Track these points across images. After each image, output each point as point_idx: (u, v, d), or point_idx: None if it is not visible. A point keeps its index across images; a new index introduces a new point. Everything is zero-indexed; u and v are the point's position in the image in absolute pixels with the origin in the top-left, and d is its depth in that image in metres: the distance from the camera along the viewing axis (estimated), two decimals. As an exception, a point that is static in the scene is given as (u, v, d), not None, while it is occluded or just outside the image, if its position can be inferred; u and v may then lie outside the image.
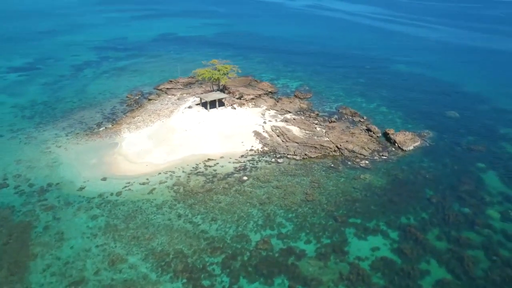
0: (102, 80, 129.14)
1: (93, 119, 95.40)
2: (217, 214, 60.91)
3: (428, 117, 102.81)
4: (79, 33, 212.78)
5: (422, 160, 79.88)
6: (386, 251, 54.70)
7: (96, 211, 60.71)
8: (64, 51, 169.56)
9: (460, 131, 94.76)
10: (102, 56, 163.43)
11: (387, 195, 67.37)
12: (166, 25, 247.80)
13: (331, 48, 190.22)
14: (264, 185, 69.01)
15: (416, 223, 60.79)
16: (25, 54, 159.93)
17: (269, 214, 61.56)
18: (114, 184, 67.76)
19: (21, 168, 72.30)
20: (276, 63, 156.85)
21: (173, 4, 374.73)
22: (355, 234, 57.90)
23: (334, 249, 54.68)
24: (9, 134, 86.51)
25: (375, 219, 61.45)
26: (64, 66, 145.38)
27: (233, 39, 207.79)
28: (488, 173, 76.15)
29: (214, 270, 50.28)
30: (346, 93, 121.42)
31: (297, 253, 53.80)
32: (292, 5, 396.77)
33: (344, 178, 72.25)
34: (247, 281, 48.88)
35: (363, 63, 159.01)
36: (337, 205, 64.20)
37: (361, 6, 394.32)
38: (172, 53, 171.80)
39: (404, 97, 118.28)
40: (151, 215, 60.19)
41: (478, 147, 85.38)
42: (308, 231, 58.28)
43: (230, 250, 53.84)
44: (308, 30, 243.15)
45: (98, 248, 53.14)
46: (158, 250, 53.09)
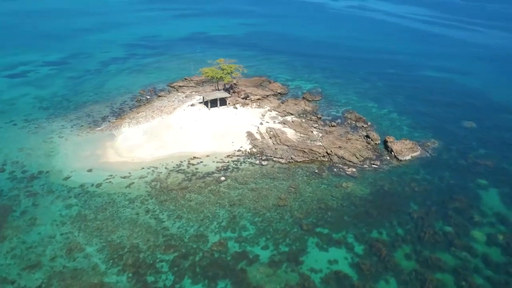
0: (122, 76, 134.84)
1: (101, 113, 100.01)
2: (184, 212, 61.56)
3: (440, 126, 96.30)
4: (115, 31, 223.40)
5: (417, 172, 75.15)
6: (344, 265, 52.30)
7: (73, 201, 63.79)
8: (97, 47, 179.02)
9: (472, 143, 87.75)
10: (130, 53, 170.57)
11: (365, 207, 64.23)
12: (200, 24, 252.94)
13: (359, 50, 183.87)
14: (240, 187, 68.62)
15: (387, 238, 57.46)
16: (61, 50, 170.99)
17: (235, 216, 61.17)
18: (97, 176, 70.73)
19: (21, 155, 77.66)
20: (297, 64, 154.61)
21: (215, 3, 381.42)
22: (316, 244, 55.91)
23: (289, 257, 53.22)
24: (22, 123, 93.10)
25: (344, 230, 58.91)
26: (92, 62, 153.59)
27: (261, 39, 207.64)
28: (489, 191, 70.00)
29: (162, 268, 50.96)
30: (359, 97, 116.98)
31: (250, 258, 53.03)
32: (334, 5, 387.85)
33: (325, 185, 69.88)
34: (191, 282, 49.03)
35: (388, 67, 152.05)
36: (307, 213, 62.30)
37: (407, 7, 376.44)
38: (197, 52, 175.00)
39: (421, 104, 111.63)
40: (121, 208, 62.15)
41: (485, 162, 78.65)
42: (269, 236, 57.18)
43: (185, 249, 54.23)
44: (341, 31, 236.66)
45: (62, 236, 55.85)
46: (116, 243, 54.74)
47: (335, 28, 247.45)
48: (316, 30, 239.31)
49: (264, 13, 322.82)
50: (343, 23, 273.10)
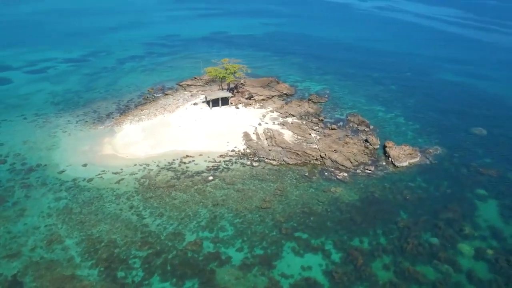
0: (135, 74, 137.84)
1: (107, 110, 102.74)
2: (166, 210, 62.20)
3: (447, 132, 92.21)
4: (139, 30, 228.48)
5: (413, 179, 72.33)
6: (317, 273, 51.17)
7: (63, 194, 65.93)
8: (118, 45, 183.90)
9: (478, 151, 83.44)
10: (148, 51, 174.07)
11: (351, 213, 62.50)
12: (222, 24, 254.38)
13: (379, 52, 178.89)
14: (226, 187, 68.54)
15: (367, 247, 55.70)
16: (84, 47, 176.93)
17: (216, 216, 61.14)
18: (91, 171, 72.74)
19: (24, 148, 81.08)
20: (310, 65, 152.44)
21: (242, 3, 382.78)
22: (293, 249, 54.98)
23: (262, 261, 52.65)
24: (32, 117, 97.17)
25: (324, 236, 57.61)
26: (110, 59, 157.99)
27: (279, 39, 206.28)
28: (487, 202, 66.36)
29: (134, 264, 51.72)
30: (368, 100, 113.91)
31: (222, 259, 52.87)
32: (361, 6, 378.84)
33: (313, 189, 68.58)
34: (159, 279, 49.47)
35: (406, 70, 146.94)
36: (290, 216, 61.36)
37: (438, 8, 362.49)
38: (214, 51, 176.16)
39: (432, 109, 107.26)
40: (107, 203, 63.59)
41: (489, 171, 74.56)
42: (246, 239, 56.79)
43: (159, 246, 54.78)
44: (364, 32, 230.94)
45: (46, 228, 57.85)
46: (95, 237, 56.07)
47: (358, 29, 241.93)
48: (338, 31, 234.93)
49: (288, 13, 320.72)
50: (367, 24, 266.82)
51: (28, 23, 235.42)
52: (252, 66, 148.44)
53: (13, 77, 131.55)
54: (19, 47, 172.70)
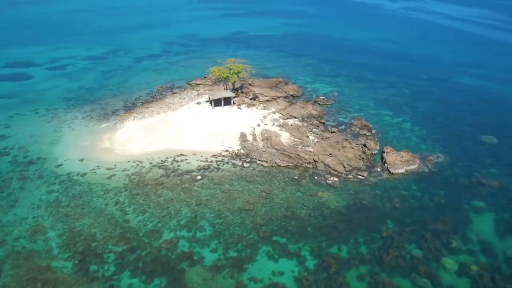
0: (149, 72, 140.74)
1: (114, 106, 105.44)
2: (149, 207, 63.00)
3: (454, 139, 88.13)
4: (162, 29, 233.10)
5: (407, 187, 69.62)
6: (287, 279, 50.24)
7: (55, 187, 68.20)
8: (138, 44, 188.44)
9: (485, 160, 79.19)
10: (165, 50, 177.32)
11: (334, 219, 60.96)
12: (243, 24, 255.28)
13: (398, 54, 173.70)
14: (213, 187, 68.62)
15: (345, 255, 54.15)
16: (105, 45, 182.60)
17: (197, 216, 61.33)
18: (86, 166, 74.87)
19: (29, 142, 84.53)
20: (324, 67, 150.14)
21: (268, 3, 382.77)
22: (267, 253, 54.27)
23: (234, 263, 52.29)
24: (43, 111, 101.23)
25: (303, 242, 56.50)
26: (128, 58, 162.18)
27: (298, 40, 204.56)
28: (483, 215, 62.86)
29: (108, 258, 52.71)
30: (377, 103, 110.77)
31: (194, 259, 52.96)
32: (390, 7, 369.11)
33: (301, 193, 67.42)
34: (129, 275, 50.18)
35: (423, 74, 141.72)
36: (270, 220, 60.63)
37: (471, 10, 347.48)
38: (230, 51, 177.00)
39: (443, 114, 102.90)
40: (94, 198, 65.21)
41: (491, 182, 70.60)
42: (222, 240, 56.61)
43: (136, 242, 55.56)
44: (388, 34, 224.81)
45: (33, 219, 60.02)
46: (76, 230, 57.62)
47: (381, 30, 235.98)
48: (360, 32, 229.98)
49: (313, 14, 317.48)
50: (392, 25, 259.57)
51: (58, 22, 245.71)
52: (264, 67, 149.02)
53: (34, 73, 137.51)
54: (45, 45, 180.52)
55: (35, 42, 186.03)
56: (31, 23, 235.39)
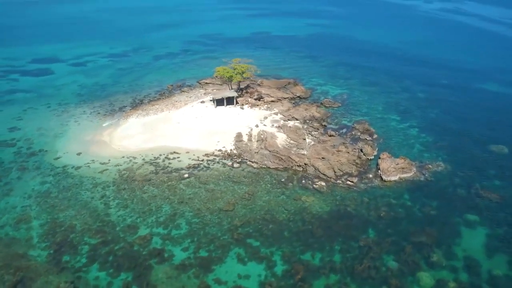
0: (164, 70, 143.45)
1: (122, 103, 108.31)
2: (132, 203, 64.17)
3: (461, 147, 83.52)
4: (186, 28, 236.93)
5: (398, 196, 66.70)
6: (252, 283, 49.58)
7: (49, 179, 70.96)
8: (160, 42, 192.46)
9: (490, 171, 74.45)
10: (185, 49, 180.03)
11: (314, 225, 59.45)
12: (268, 24, 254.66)
13: (421, 57, 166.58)
14: (198, 186, 68.88)
15: (317, 263, 52.73)
16: (128, 43, 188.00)
17: (176, 214, 61.76)
18: (82, 159, 77.36)
19: (36, 134, 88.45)
20: (339, 69, 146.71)
21: (295, 3, 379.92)
22: (238, 256, 53.74)
23: (202, 264, 52.23)
24: (55, 106, 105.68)
25: (276, 246, 55.51)
26: (147, 56, 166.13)
27: (319, 41, 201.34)
28: (475, 230, 59.14)
29: (82, 250, 54.18)
30: (386, 107, 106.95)
31: (164, 256, 53.35)
32: (424, 7, 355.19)
33: (285, 196, 66.27)
34: (98, 268, 51.31)
35: (443, 78, 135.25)
36: (248, 222, 60.01)
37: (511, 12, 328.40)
38: (249, 51, 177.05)
39: (455, 121, 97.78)
40: (83, 191, 67.25)
41: (491, 195, 66.26)
42: (196, 239, 56.68)
43: (111, 236, 56.72)
44: (416, 36, 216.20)
45: (22, 208, 62.75)
46: (58, 221, 59.64)
47: (411, 32, 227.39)
48: (388, 34, 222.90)
49: (341, 14, 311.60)
50: (423, 27, 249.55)
51: (88, 20, 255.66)
52: (278, 67, 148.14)
53: (56, 69, 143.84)
54: (72, 42, 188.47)
55: (64, 39, 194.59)
56: (63, 21, 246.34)
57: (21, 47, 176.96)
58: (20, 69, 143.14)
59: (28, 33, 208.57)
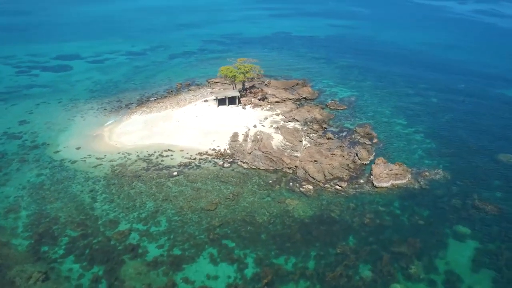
0: (176, 69, 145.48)
1: (130, 100, 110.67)
2: (118, 198, 65.32)
3: (466, 155, 79.47)
4: (207, 27, 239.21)
5: (388, 203, 64.26)
6: (219, 284, 49.27)
7: (45, 171, 73.49)
8: (179, 41, 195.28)
9: (492, 181, 70.34)
10: (202, 48, 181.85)
11: (293, 229, 58.34)
12: (290, 24, 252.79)
13: (442, 61, 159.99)
14: (185, 184, 69.22)
15: (289, 268, 51.74)
16: (149, 42, 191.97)
17: (158, 211, 62.27)
18: (79, 154, 79.61)
19: (42, 128, 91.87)
20: (353, 70, 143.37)
21: (323, 4, 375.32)
22: (210, 256, 53.52)
23: (173, 262, 52.41)
24: (66, 101, 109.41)
25: (250, 249, 54.88)
26: (164, 54, 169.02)
27: (339, 42, 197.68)
28: (465, 243, 56.08)
29: (61, 242, 55.68)
30: (394, 111, 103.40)
31: (138, 252, 53.94)
32: (458, 9, 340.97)
33: (270, 198, 65.41)
34: (73, 260, 52.54)
35: (461, 82, 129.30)
36: (227, 222, 59.65)
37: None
38: (265, 51, 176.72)
39: (466, 127, 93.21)
40: (74, 184, 69.19)
41: (489, 207, 62.53)
42: (173, 237, 56.96)
43: (91, 230, 57.96)
44: (443, 39, 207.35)
45: (14, 198, 65.28)
46: (45, 212, 61.62)
47: (438, 35, 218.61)
48: (414, 36, 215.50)
49: (368, 16, 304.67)
50: (454, 30, 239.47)
51: (117, 19, 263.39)
52: (291, 68, 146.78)
53: (75, 65, 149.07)
54: (96, 40, 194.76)
55: (89, 37, 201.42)
56: (92, 20, 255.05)
57: (48, 44, 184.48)
58: (42, 65, 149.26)
59: (58, 31, 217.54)
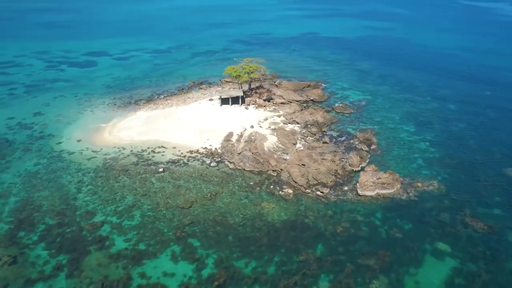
0: (194, 67, 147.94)
1: (141, 96, 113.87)
2: (101, 190, 67.24)
3: (470, 167, 73.99)
4: (238, 27, 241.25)
5: (369, 213, 61.15)
6: (173, 282, 49.14)
7: (43, 161, 77.28)
8: (206, 40, 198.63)
9: (493, 197, 64.85)
10: (225, 47, 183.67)
11: (262, 232, 57.15)
12: (321, 25, 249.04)
13: (479, 67, 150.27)
14: (168, 181, 69.97)
15: (247, 272, 50.61)
16: (176, 40, 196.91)
17: (135, 205, 63.35)
18: (79, 146, 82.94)
19: (53, 120, 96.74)
20: (373, 73, 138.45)
21: (361, 4, 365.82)
22: (172, 253, 53.63)
23: (135, 256, 52.99)
24: (81, 95, 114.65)
25: (214, 249, 54.36)
26: (187, 52, 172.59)
27: (367, 44, 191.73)
28: (442, 261, 52.08)
29: (38, 229, 58.12)
30: (404, 117, 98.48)
31: (105, 244, 55.12)
32: (508, 11, 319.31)
33: (247, 200, 64.57)
34: (43, 247, 54.57)
35: (488, 89, 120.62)
36: (198, 221, 59.55)
37: None
38: (287, 51, 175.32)
39: (479, 137, 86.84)
40: (65, 174, 72.16)
41: (479, 225, 57.66)
42: (142, 232, 57.67)
43: (68, 219, 60.05)
44: (486, 43, 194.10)
45: (8, 184, 69.10)
46: (31, 200, 64.66)
47: (481, 39, 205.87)
48: (452, 39, 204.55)
49: (406, 17, 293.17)
50: (498, 33, 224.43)
51: (152, 18, 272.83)
52: (308, 69, 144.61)
53: (101, 61, 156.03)
54: (127, 37, 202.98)
55: (121, 34, 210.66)
56: (128, 18, 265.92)
57: (83, 41, 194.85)
58: (71, 60, 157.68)
59: (96, 28, 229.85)
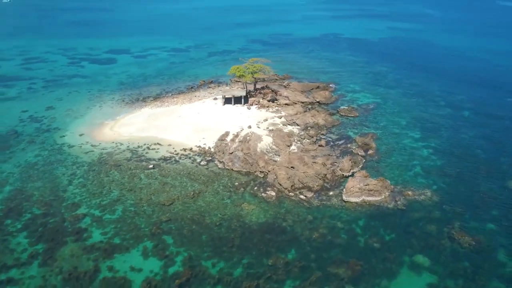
0: (208, 66, 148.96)
1: (149, 93, 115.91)
2: (91, 184, 68.91)
3: (471, 179, 69.90)
4: (261, 27, 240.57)
5: (351, 221, 59.12)
6: (138, 277, 49.41)
7: (44, 153, 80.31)
8: (225, 40, 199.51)
9: (490, 211, 60.88)
10: (243, 47, 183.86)
11: (236, 234, 56.63)
12: (345, 26, 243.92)
13: (505, 72, 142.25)
14: (155, 178, 70.74)
15: (212, 272, 50.21)
16: (195, 39, 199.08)
17: (119, 200, 64.42)
18: (79, 140, 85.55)
19: (62, 114, 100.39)
20: (388, 77, 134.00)
21: (390, 5, 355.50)
22: (144, 249, 54.09)
23: (108, 249, 53.74)
24: (94, 91, 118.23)
25: (185, 247, 54.38)
26: (204, 52, 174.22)
27: (390, 46, 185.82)
28: (418, 276, 49.49)
29: (24, 218, 60.29)
30: (410, 122, 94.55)
31: (83, 236, 56.37)
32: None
33: (229, 201, 64.20)
34: (25, 235, 56.48)
35: (510, 96, 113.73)
36: (175, 219, 59.76)
37: None
38: (304, 53, 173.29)
39: (485, 146, 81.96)
40: (60, 167, 74.64)
41: (467, 239, 54.30)
42: (120, 226, 58.55)
43: (53, 210, 61.92)
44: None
45: (7, 174, 72.14)
46: (24, 190, 67.28)
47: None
48: (480, 42, 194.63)
49: (437, 18, 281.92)
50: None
51: (178, 17, 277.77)
52: (322, 71, 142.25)
53: (120, 59, 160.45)
54: (150, 36, 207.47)
55: (145, 33, 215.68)
56: (154, 18, 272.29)
57: (107, 39, 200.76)
58: (93, 57, 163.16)
59: (122, 27, 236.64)
